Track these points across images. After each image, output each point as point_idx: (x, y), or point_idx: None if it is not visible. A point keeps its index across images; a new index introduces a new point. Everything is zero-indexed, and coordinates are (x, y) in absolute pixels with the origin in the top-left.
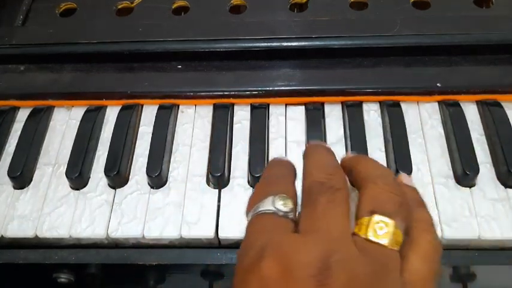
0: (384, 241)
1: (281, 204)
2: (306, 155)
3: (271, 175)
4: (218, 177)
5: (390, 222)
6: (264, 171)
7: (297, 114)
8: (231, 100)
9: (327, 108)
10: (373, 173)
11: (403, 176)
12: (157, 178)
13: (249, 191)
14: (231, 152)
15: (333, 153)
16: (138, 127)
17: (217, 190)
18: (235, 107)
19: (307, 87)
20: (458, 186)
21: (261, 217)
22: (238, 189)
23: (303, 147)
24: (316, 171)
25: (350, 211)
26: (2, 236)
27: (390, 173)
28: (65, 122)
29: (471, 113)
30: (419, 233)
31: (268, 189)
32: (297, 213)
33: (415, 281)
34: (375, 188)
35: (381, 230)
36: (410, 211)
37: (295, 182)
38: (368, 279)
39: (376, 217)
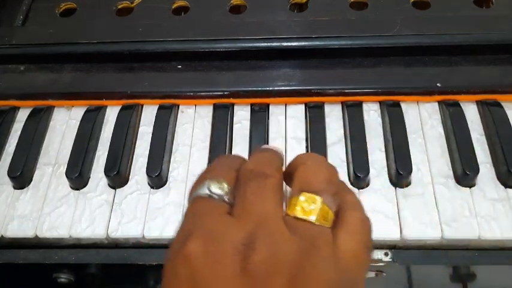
0: (312, 217)
1: (215, 188)
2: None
3: (214, 164)
4: None
5: (317, 198)
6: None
7: (297, 113)
8: (231, 100)
9: (327, 108)
10: (304, 158)
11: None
12: (157, 178)
13: None
14: (231, 152)
15: (277, 154)
16: (138, 127)
17: None
18: (235, 107)
19: (307, 87)
20: (458, 186)
21: (196, 201)
22: None
23: (303, 145)
24: (250, 162)
25: (282, 198)
26: (2, 236)
27: (319, 156)
28: (65, 122)
29: (471, 113)
30: (347, 211)
31: (205, 175)
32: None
33: (347, 258)
34: (303, 168)
35: (309, 206)
36: (340, 189)
37: (236, 168)
38: (293, 256)
39: (303, 195)
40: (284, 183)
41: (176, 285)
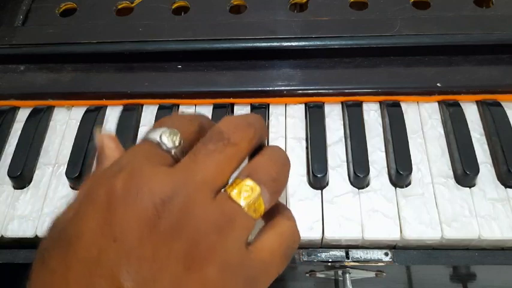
0: (242, 203)
1: (166, 138)
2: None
3: (179, 114)
4: None
5: (257, 188)
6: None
7: (297, 113)
8: (231, 100)
9: (327, 108)
10: (265, 150)
11: None
12: None
13: None
14: None
15: (259, 122)
16: (138, 127)
17: None
18: (235, 107)
19: (307, 87)
20: (458, 186)
21: (143, 142)
22: None
23: (303, 145)
24: (226, 122)
25: (235, 169)
26: (2, 236)
27: (283, 154)
28: (65, 122)
29: (471, 113)
30: (284, 218)
31: (167, 120)
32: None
33: (261, 254)
34: (259, 158)
35: (245, 192)
36: (281, 191)
37: (206, 126)
38: (204, 226)
39: (247, 181)
40: None
41: (90, 207)
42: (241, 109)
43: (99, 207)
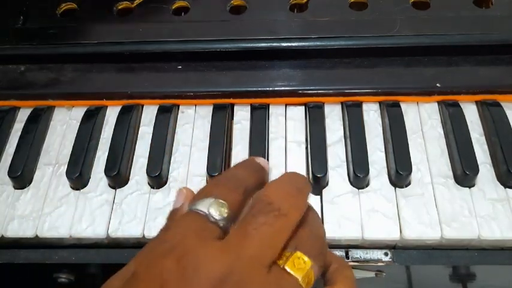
0: (299, 275)
1: (215, 210)
2: (282, 176)
3: (228, 176)
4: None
5: (310, 261)
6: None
7: (297, 114)
8: (231, 100)
9: (327, 109)
10: (306, 217)
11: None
12: (157, 178)
13: None
14: (230, 153)
15: (306, 187)
16: (138, 127)
17: None
18: (235, 107)
19: (307, 87)
20: (458, 186)
21: (192, 214)
22: None
23: (303, 145)
24: (274, 188)
25: (288, 240)
26: (2, 236)
27: (319, 224)
28: (65, 122)
29: (471, 113)
30: (339, 276)
31: (213, 189)
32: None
33: None
34: (303, 231)
35: (299, 264)
36: (325, 264)
37: (251, 189)
38: None
39: (299, 253)
40: None
41: None
42: (241, 109)
43: None
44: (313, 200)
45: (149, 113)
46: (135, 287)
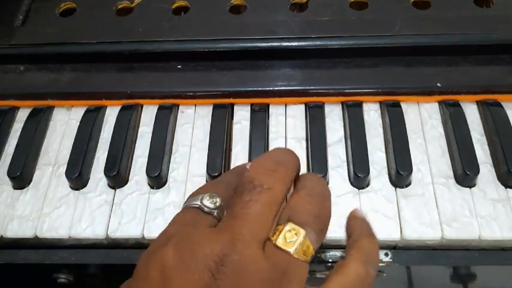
0: (291, 249)
1: (207, 201)
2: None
3: (218, 180)
4: (215, 177)
5: (301, 231)
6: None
7: (297, 113)
8: (231, 100)
9: (327, 108)
10: (301, 184)
11: (354, 210)
12: (157, 178)
13: None
14: (230, 153)
15: (289, 158)
16: (138, 127)
17: None
18: (235, 107)
19: (307, 87)
20: (459, 186)
21: (185, 210)
22: None
23: (303, 145)
24: (252, 168)
25: (277, 212)
26: (2, 236)
27: (320, 186)
28: (64, 122)
29: (471, 113)
30: (351, 260)
31: (204, 189)
32: None
33: None
34: (296, 197)
35: (291, 238)
36: (327, 226)
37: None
38: (260, 283)
39: (289, 225)
40: None
41: (145, 286)
42: (241, 109)
43: (153, 284)
44: None
45: (149, 113)
46: (138, 284)
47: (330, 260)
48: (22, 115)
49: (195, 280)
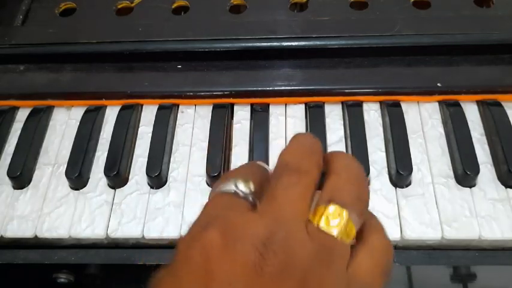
0: (334, 231)
1: (242, 185)
2: (290, 140)
3: (242, 166)
4: (215, 177)
5: (344, 213)
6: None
7: (297, 113)
8: (231, 100)
9: (327, 108)
10: (339, 165)
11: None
12: (157, 178)
13: None
14: (230, 153)
15: (317, 143)
16: (138, 127)
17: None
18: (235, 107)
19: (307, 87)
20: (459, 186)
21: (220, 195)
22: None
23: None
24: (287, 153)
25: (313, 197)
26: (1, 236)
27: (357, 168)
28: (64, 122)
29: (471, 112)
30: (373, 234)
31: (232, 173)
32: None
33: (361, 277)
34: (336, 178)
35: (334, 219)
36: (367, 208)
37: (266, 174)
38: (308, 264)
39: (332, 207)
40: None
41: (187, 270)
42: (241, 109)
43: (196, 269)
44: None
45: (149, 113)
46: (178, 267)
47: None
48: (22, 115)
49: (244, 262)
